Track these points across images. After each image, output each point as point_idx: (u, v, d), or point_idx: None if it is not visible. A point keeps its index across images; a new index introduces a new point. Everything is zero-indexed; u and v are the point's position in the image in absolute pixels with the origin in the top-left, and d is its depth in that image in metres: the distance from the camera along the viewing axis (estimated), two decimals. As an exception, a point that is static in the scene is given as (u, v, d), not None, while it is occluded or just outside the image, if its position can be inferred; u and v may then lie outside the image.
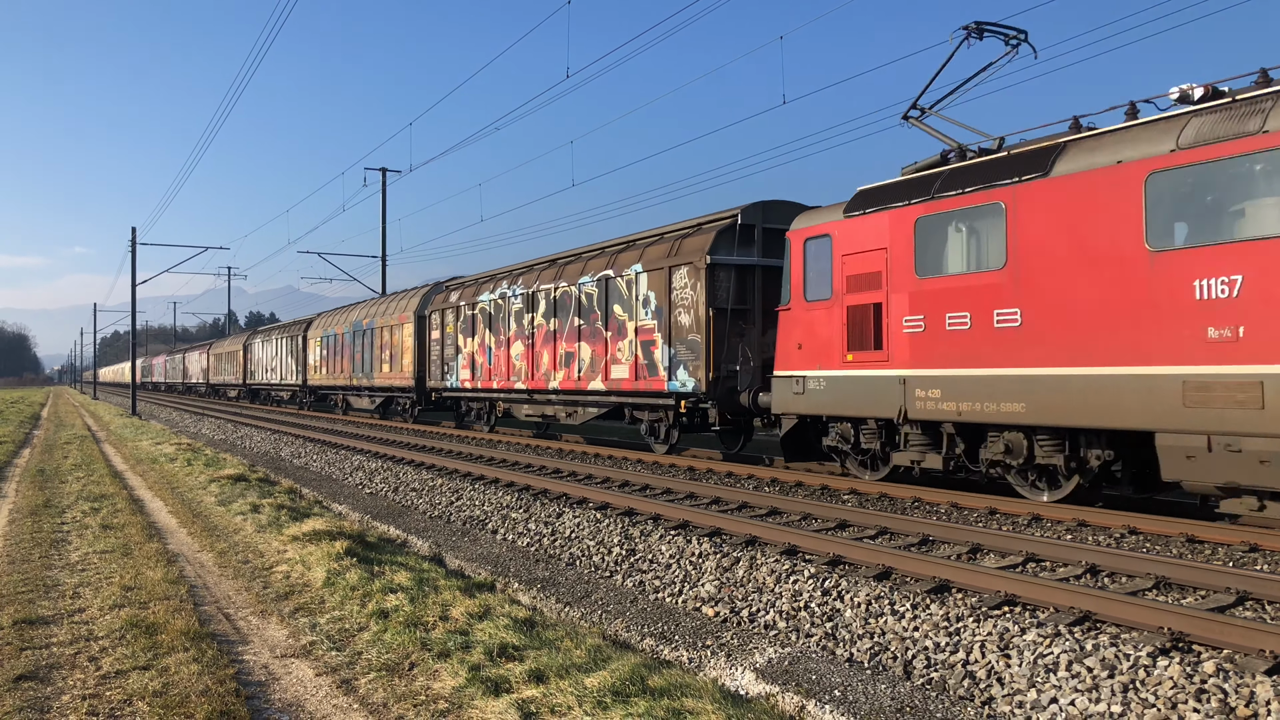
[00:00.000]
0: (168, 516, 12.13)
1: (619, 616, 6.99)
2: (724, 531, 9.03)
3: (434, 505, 12.29)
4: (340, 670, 5.88)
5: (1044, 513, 9.34)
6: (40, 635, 6.54)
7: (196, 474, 16.13)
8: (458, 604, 6.91)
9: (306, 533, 9.63)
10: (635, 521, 9.72)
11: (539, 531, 9.97)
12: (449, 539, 10.26)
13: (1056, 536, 8.50)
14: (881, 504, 10.65)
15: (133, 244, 41.13)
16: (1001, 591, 6.44)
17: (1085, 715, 4.71)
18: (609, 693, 4.99)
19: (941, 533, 8.49)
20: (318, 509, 12.50)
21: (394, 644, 6.17)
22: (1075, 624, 5.76)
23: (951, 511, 10.03)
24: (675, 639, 6.40)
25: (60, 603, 7.45)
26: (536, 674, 5.38)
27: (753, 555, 7.84)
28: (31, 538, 10.38)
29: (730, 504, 10.75)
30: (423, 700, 5.27)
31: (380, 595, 7.23)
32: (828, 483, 11.95)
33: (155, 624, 6.63)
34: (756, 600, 6.95)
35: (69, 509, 12.50)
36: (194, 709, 5.04)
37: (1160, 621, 5.55)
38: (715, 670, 5.82)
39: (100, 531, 10.64)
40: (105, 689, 5.43)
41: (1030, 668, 5.21)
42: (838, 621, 6.32)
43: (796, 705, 5.16)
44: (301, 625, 6.88)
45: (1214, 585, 6.52)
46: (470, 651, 5.84)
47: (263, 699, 5.40)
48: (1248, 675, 4.78)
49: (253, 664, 6.02)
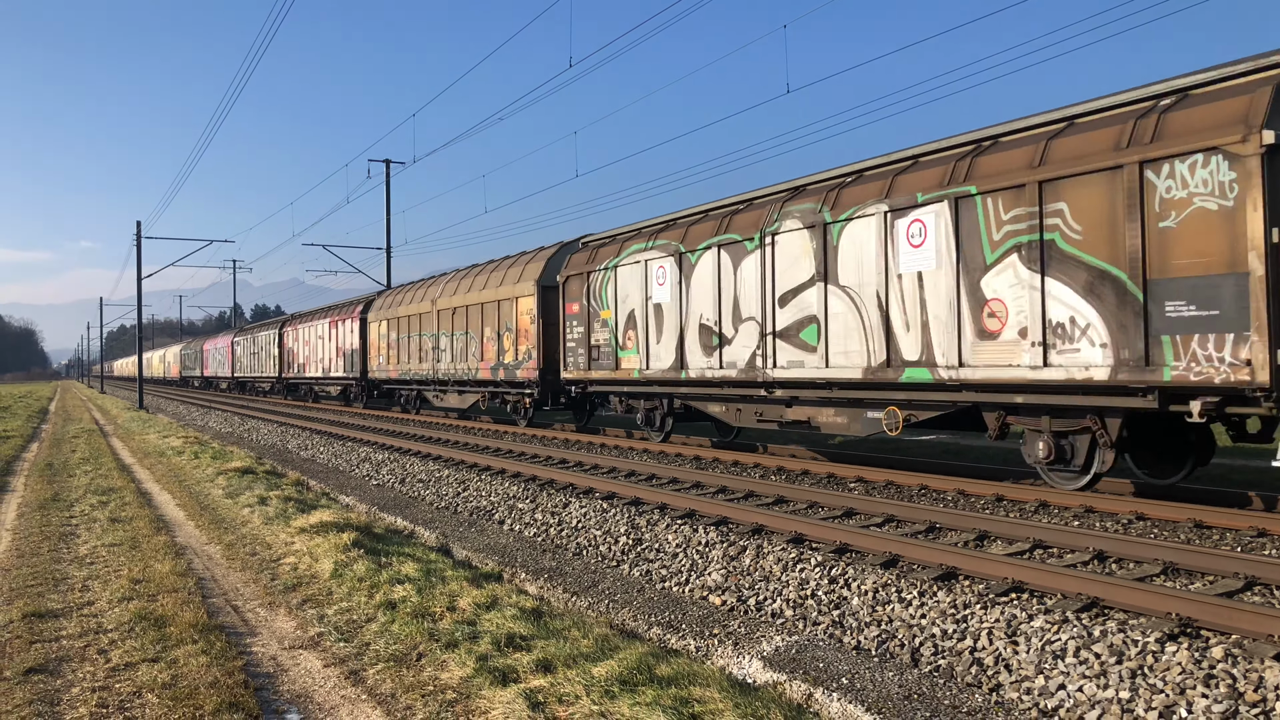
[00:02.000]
0: (175, 509, 12.17)
1: (626, 606, 7.00)
2: (730, 520, 9.03)
3: (440, 496, 12.31)
4: (348, 661, 5.90)
5: (1051, 499, 9.33)
6: (50, 628, 6.56)
7: (204, 467, 16.18)
8: (465, 594, 6.92)
9: (314, 524, 9.66)
10: (641, 511, 9.73)
11: (546, 521, 9.98)
12: (456, 530, 10.28)
13: (1064, 523, 8.48)
14: (888, 491, 10.65)
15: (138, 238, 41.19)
16: (1009, 578, 6.43)
17: (1093, 701, 4.70)
18: (616, 682, 4.99)
19: (948, 520, 8.48)
20: (325, 501, 12.53)
21: (402, 635, 6.18)
22: (1083, 610, 5.75)
23: (958, 498, 10.02)
24: (682, 628, 6.40)
25: (69, 596, 7.48)
26: (544, 664, 5.38)
27: (759, 544, 7.84)
28: (40, 531, 10.42)
29: (736, 492, 10.75)
30: (431, 690, 5.28)
31: (388, 586, 7.25)
32: (834, 471, 11.95)
33: (164, 616, 6.66)
34: (763, 589, 6.95)
35: (77, 502, 12.55)
36: (203, 700, 5.06)
37: (1168, 607, 5.54)
38: (723, 659, 5.82)
39: (108, 525, 10.68)
40: (115, 681, 5.46)
41: (1038, 654, 5.20)
42: (845, 609, 6.32)
43: (804, 693, 5.16)
44: (309, 617, 6.90)
45: (1222, 570, 6.51)
46: (478, 642, 5.85)
47: (271, 690, 5.42)
48: (1256, 660, 4.76)
49: (261, 655, 6.04)
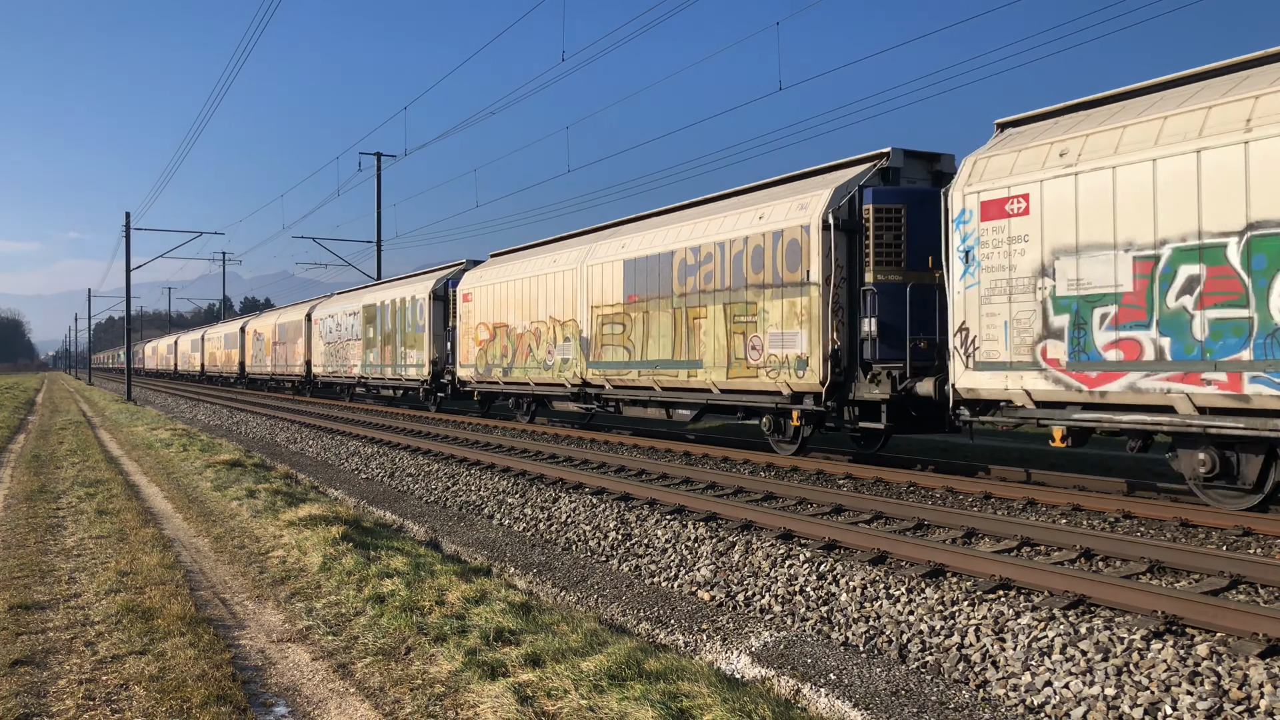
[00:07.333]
0: (163, 502, 12.12)
1: (615, 601, 7.01)
2: (720, 516, 9.05)
3: (430, 490, 12.29)
4: (337, 654, 5.89)
5: (1039, 497, 9.37)
6: (36, 620, 6.53)
7: (192, 459, 16.11)
8: (454, 588, 6.92)
9: (302, 518, 9.63)
10: (631, 506, 9.73)
11: (535, 516, 9.98)
12: (445, 524, 10.27)
13: (1051, 521, 8.52)
14: (877, 489, 10.68)
15: (127, 229, 40.95)
16: (996, 575, 6.45)
17: (1079, 698, 4.73)
18: (605, 676, 5.00)
19: (937, 517, 8.51)
20: (314, 494, 12.50)
21: (390, 628, 6.18)
22: (1069, 607, 5.78)
23: (947, 496, 10.06)
24: (671, 623, 6.41)
25: (56, 588, 7.44)
26: (533, 658, 5.39)
27: (748, 540, 7.86)
28: (27, 523, 10.36)
29: (726, 489, 10.77)
30: (419, 684, 5.28)
31: (376, 580, 7.24)
32: (823, 468, 11.98)
33: (151, 609, 6.63)
34: (752, 584, 6.96)
35: (64, 494, 12.48)
36: (191, 693, 5.05)
37: (1154, 605, 5.57)
38: (711, 654, 5.83)
39: (96, 517, 10.62)
40: (102, 673, 5.44)
41: (1025, 651, 5.23)
42: (833, 605, 6.34)
43: (792, 688, 5.18)
44: (298, 610, 6.88)
45: (1208, 569, 6.55)
46: (467, 635, 5.85)
47: (259, 683, 5.41)
48: (1241, 658, 4.80)
49: (249, 648, 6.02)
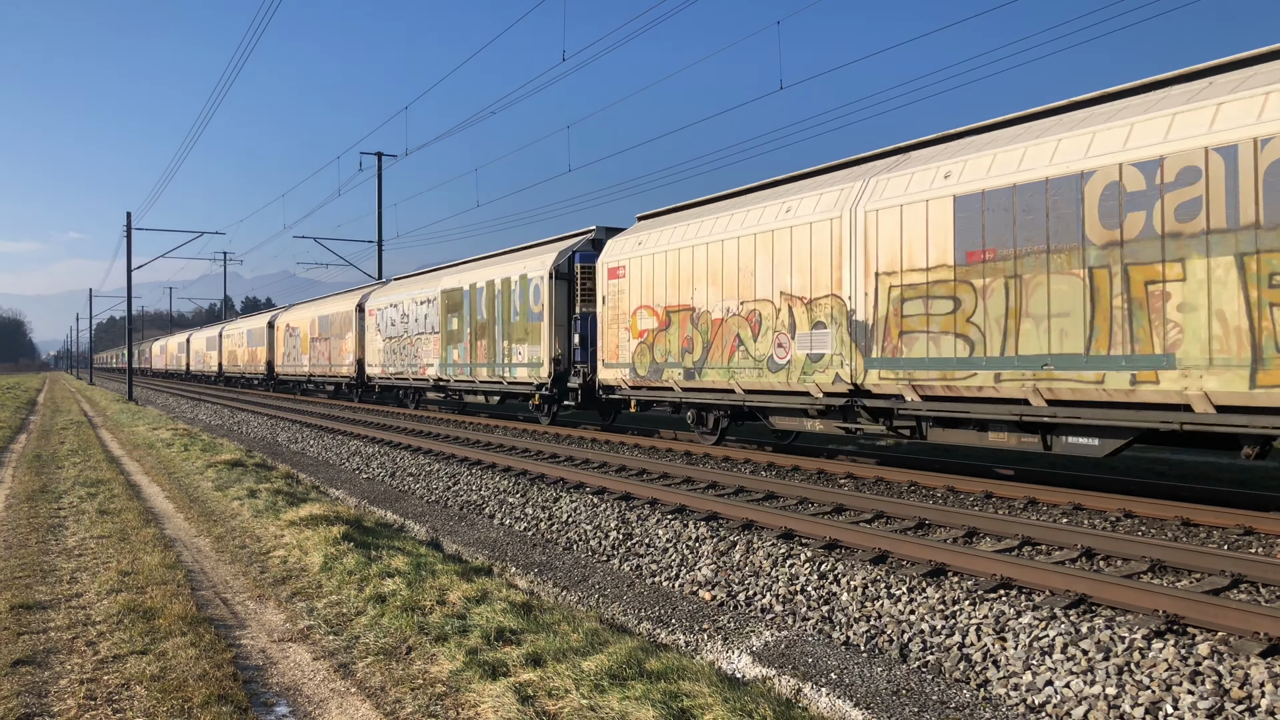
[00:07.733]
0: (165, 502, 12.13)
1: (616, 600, 7.01)
2: (721, 515, 9.05)
3: (431, 490, 12.30)
4: (338, 654, 5.89)
5: (1040, 496, 9.36)
6: (38, 620, 6.54)
7: (193, 459, 16.12)
8: (455, 588, 6.92)
9: (304, 517, 9.63)
10: (632, 506, 9.73)
11: (536, 516, 9.98)
12: (446, 523, 10.27)
13: (1052, 520, 8.52)
14: (878, 488, 10.68)
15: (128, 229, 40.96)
16: (997, 575, 6.46)
17: (1080, 697, 4.73)
18: (606, 675, 5.00)
19: (938, 516, 8.51)
20: (315, 494, 12.50)
21: (391, 628, 6.18)
22: (1070, 607, 5.78)
23: (948, 495, 10.06)
24: (672, 622, 6.41)
25: (57, 588, 7.44)
26: (534, 657, 5.39)
27: (749, 539, 7.85)
28: (28, 523, 10.37)
29: (727, 488, 10.77)
30: (420, 683, 5.28)
31: (377, 580, 7.24)
32: (824, 467, 11.97)
33: (153, 608, 6.64)
34: (753, 584, 6.96)
35: (66, 494, 12.49)
36: (192, 693, 5.05)
37: (1155, 604, 5.57)
38: (712, 653, 5.83)
39: (97, 516, 10.63)
40: (103, 673, 5.44)
41: (1026, 650, 5.23)
42: (834, 605, 6.34)
43: (793, 688, 5.18)
44: (299, 609, 6.89)
45: (1209, 568, 6.55)
46: (468, 635, 5.85)
47: (260, 683, 5.41)
48: (1242, 657, 4.80)
49: (250, 648, 6.02)
